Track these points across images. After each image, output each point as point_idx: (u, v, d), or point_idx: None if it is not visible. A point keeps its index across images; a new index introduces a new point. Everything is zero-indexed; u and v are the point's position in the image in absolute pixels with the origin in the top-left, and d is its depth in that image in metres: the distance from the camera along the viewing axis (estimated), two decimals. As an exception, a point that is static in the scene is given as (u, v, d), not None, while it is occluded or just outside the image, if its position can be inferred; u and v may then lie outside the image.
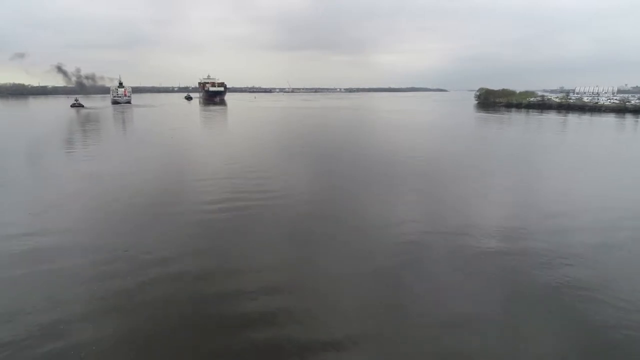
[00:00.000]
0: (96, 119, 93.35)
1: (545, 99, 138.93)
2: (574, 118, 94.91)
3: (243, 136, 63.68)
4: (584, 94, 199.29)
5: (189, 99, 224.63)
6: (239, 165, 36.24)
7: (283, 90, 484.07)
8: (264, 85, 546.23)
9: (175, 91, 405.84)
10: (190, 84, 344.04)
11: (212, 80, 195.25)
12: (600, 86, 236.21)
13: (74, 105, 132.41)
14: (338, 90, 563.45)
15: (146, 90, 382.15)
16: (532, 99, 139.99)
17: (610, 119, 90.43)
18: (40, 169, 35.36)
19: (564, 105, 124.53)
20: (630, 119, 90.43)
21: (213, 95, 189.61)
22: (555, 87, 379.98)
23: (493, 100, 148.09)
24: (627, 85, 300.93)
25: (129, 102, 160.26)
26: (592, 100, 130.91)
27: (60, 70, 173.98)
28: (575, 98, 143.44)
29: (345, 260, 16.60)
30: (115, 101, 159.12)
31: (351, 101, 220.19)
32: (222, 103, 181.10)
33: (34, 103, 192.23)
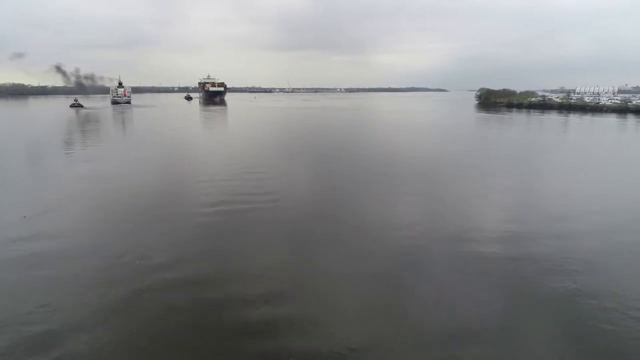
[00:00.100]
0: (95, 119, 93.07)
1: (546, 99, 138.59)
2: (576, 118, 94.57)
3: (243, 136, 63.51)
4: (584, 94, 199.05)
5: (188, 99, 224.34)
6: (238, 165, 36.00)
7: (283, 90, 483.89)
8: (264, 85, 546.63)
9: (175, 91, 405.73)
10: (190, 84, 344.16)
11: (212, 80, 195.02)
12: (600, 86, 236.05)
13: (73, 105, 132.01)
14: (338, 90, 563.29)
15: (146, 90, 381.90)
16: (533, 99, 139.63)
17: (612, 120, 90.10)
18: (36, 171, 35.04)
19: (565, 106, 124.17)
20: (632, 119, 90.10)
21: (213, 95, 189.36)
22: (555, 87, 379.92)
23: (494, 101, 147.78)
24: (628, 85, 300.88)
25: (128, 102, 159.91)
26: (594, 100, 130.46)
27: (59, 70, 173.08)
28: (576, 98, 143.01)
29: (345, 261, 16.42)
30: (114, 101, 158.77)
31: (351, 101, 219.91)
32: (222, 103, 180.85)
33: (33, 103, 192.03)
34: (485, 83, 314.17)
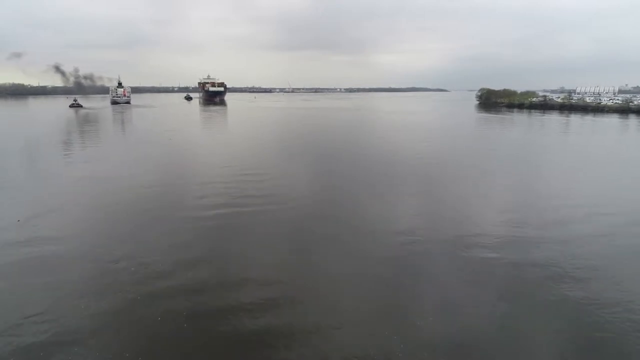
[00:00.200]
0: (94, 119, 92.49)
1: (547, 100, 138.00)
2: (578, 119, 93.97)
3: (243, 136, 63.29)
4: (584, 94, 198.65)
5: (188, 99, 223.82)
6: (238, 165, 35.72)
7: (283, 90, 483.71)
8: (264, 85, 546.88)
9: (175, 91, 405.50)
10: (190, 84, 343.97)
11: (212, 81, 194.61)
12: (600, 86, 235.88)
13: (72, 105, 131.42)
14: (338, 90, 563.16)
15: (146, 90, 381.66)
16: (534, 100, 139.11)
17: (614, 120, 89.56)
18: (33, 172, 34.49)
19: (566, 106, 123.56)
20: (634, 120, 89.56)
21: (213, 95, 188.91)
22: (555, 87, 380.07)
23: (494, 101, 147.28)
24: (628, 85, 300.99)
25: (128, 102, 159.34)
26: (595, 100, 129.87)
27: (58, 70, 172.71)
28: (577, 98, 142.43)
29: (345, 262, 16.33)
30: (114, 101, 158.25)
31: (351, 101, 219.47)
32: (222, 103, 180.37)
33: (33, 103, 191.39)
34: (485, 83, 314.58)
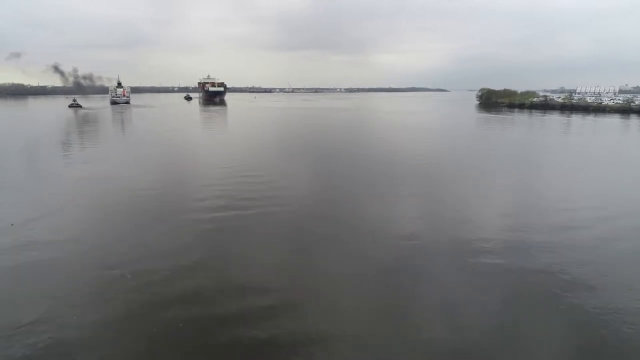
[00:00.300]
0: (93, 119, 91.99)
1: (548, 100, 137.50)
2: (580, 119, 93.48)
3: (243, 136, 63.08)
4: (585, 94, 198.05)
5: (188, 99, 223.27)
6: (238, 166, 35.43)
7: (283, 90, 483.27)
8: (264, 85, 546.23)
9: (175, 91, 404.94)
10: (190, 84, 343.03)
11: (212, 81, 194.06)
12: (601, 86, 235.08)
13: (71, 105, 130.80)
14: (338, 90, 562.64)
15: (146, 90, 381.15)
16: (535, 100, 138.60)
17: (616, 120, 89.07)
18: (30, 173, 34.01)
19: (567, 106, 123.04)
20: (636, 120, 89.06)
21: (213, 95, 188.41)
22: (555, 87, 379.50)
23: (495, 101, 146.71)
24: (628, 85, 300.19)
25: (127, 103, 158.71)
26: (596, 100, 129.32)
27: (57, 70, 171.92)
28: (578, 98, 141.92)
29: (346, 262, 16.27)
30: (113, 101, 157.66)
31: (351, 101, 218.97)
32: (222, 103, 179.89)
33: (32, 103, 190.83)
34: (485, 83, 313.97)
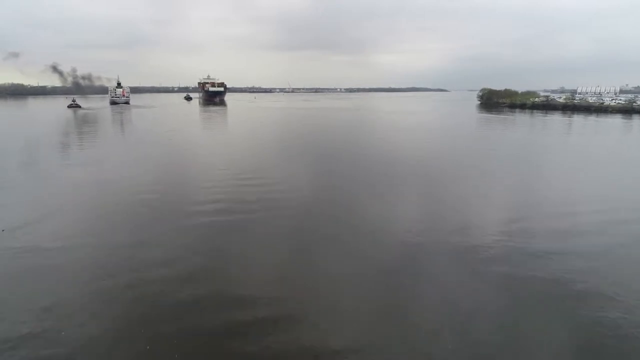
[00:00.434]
0: (93, 120, 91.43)
1: (549, 100, 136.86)
2: (582, 119, 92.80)
3: (243, 136, 62.84)
4: (585, 94, 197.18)
5: (188, 99, 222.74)
6: (238, 166, 35.17)
7: (283, 90, 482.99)
8: (264, 85, 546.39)
9: (175, 91, 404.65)
10: (190, 84, 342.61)
11: (212, 81, 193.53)
12: (601, 86, 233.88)
13: (71, 105, 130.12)
14: (338, 90, 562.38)
15: (146, 90, 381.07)
16: (536, 100, 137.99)
17: (618, 120, 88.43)
18: (25, 176, 33.44)
19: (569, 106, 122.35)
20: (638, 120, 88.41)
21: (213, 95, 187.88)
22: (555, 87, 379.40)
23: (496, 101, 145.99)
24: (628, 85, 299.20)
25: (127, 103, 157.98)
26: (598, 100, 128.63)
27: (55, 70, 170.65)
28: (579, 98, 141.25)
29: (346, 262, 16.20)
30: (113, 102, 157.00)
31: (352, 101, 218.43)
32: (222, 103, 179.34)
33: (32, 103, 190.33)
34: (485, 83, 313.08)
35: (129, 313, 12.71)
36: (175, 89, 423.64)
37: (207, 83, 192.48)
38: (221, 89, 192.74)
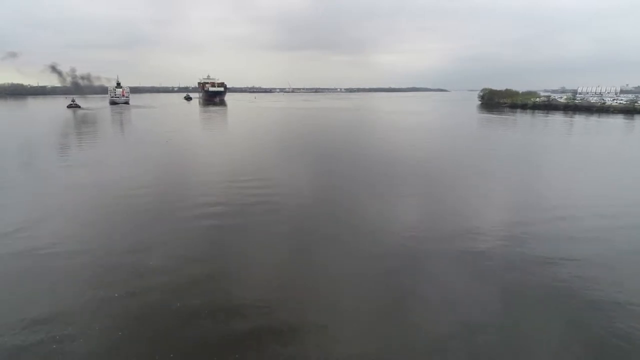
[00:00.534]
0: (92, 120, 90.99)
1: (550, 100, 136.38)
2: (584, 119, 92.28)
3: (243, 136, 62.58)
4: (586, 94, 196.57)
5: (188, 99, 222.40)
6: (238, 167, 34.90)
7: (283, 90, 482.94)
8: (264, 85, 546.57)
9: (175, 91, 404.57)
10: (190, 84, 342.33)
11: (212, 81, 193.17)
12: (602, 86, 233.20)
13: (70, 106, 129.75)
14: (338, 90, 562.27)
15: (146, 90, 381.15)
16: (538, 100, 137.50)
17: (621, 121, 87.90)
18: (20, 178, 33.09)
19: (570, 106, 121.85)
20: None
21: (213, 95, 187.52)
22: (555, 87, 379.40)
23: (497, 101, 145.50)
24: (629, 85, 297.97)
25: (127, 103, 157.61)
26: (599, 100, 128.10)
27: (54, 70, 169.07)
28: (580, 98, 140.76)
29: (346, 262, 16.12)
30: (113, 102, 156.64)
31: (352, 101, 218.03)
32: (222, 103, 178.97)
33: (32, 103, 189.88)
34: (485, 83, 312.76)
35: (127, 320, 12.38)
36: (175, 89, 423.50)
37: (207, 83, 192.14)
38: (221, 89, 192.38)
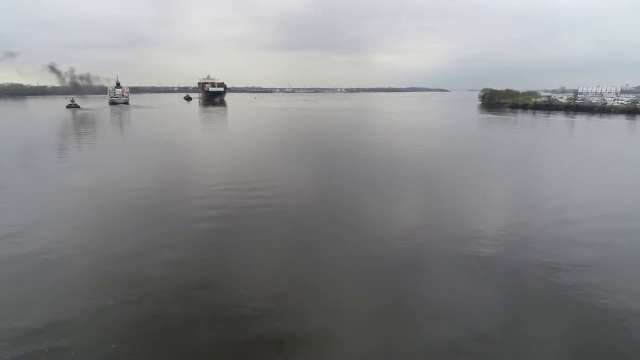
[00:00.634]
0: (91, 121, 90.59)
1: (551, 100, 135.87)
2: (586, 120, 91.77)
3: (243, 136, 62.43)
4: (587, 94, 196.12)
5: (188, 99, 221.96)
6: (238, 167, 34.75)
7: (283, 90, 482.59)
8: (264, 85, 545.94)
9: (175, 91, 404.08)
10: (190, 84, 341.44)
11: (212, 81, 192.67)
12: (602, 86, 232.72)
13: (69, 106, 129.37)
14: (338, 90, 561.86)
15: (145, 90, 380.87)
16: (539, 100, 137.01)
17: (622, 121, 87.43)
18: (16, 181, 32.74)
19: (571, 107, 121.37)
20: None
21: (213, 95, 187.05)
22: (555, 87, 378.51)
23: (498, 101, 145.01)
24: (629, 85, 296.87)
25: (126, 103, 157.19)
26: (601, 101, 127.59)
27: (53, 70, 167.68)
28: (581, 99, 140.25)
29: (346, 262, 16.04)
30: (112, 102, 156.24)
31: (352, 102, 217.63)
32: (222, 103, 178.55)
33: (31, 104, 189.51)
34: (485, 83, 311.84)
35: (121, 332, 12.14)
36: (175, 89, 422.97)
37: (207, 83, 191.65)
38: (221, 89, 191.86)
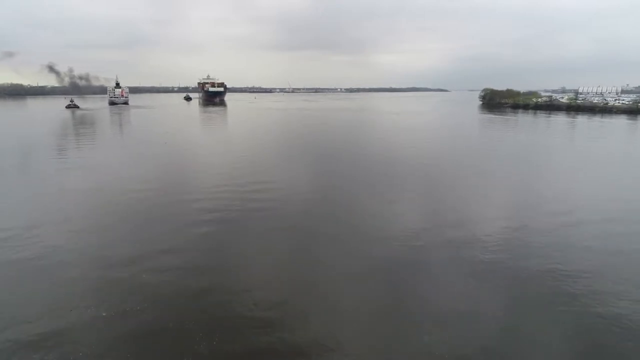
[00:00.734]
0: (90, 121, 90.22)
1: (552, 100, 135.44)
2: (588, 120, 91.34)
3: (243, 137, 62.28)
4: (587, 94, 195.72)
5: (188, 99, 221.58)
6: (239, 167, 34.60)
7: (283, 90, 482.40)
8: (264, 85, 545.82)
9: (175, 91, 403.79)
10: (190, 84, 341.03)
11: (212, 81, 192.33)
12: (603, 86, 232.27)
13: (69, 106, 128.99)
14: (338, 90, 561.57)
15: (145, 90, 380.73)
16: (540, 100, 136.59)
17: (624, 121, 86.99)
18: (12, 183, 32.38)
19: (573, 107, 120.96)
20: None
21: (213, 95, 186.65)
22: (556, 87, 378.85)
23: (499, 101, 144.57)
24: (629, 85, 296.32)
25: (126, 103, 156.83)
26: (602, 101, 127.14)
27: (52, 70, 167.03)
28: (582, 99, 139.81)
29: (345, 262, 15.99)
30: (112, 102, 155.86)
31: (352, 102, 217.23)
32: (222, 104, 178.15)
33: (31, 104, 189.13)
34: (485, 83, 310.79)
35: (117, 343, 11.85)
36: (175, 89, 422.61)
37: (207, 83, 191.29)
38: (221, 89, 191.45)
